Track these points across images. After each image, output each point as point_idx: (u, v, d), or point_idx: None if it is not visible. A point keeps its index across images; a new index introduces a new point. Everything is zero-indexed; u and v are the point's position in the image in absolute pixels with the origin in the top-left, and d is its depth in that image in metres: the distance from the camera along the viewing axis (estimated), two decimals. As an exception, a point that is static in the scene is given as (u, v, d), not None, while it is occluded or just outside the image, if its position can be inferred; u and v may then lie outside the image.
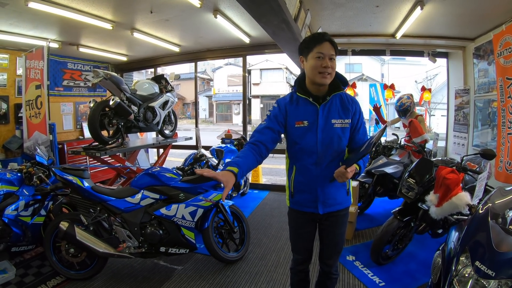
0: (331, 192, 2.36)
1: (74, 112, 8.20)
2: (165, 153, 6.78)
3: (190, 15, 5.23)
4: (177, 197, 3.64)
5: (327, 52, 2.18)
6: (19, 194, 3.82)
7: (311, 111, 2.31)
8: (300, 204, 2.44)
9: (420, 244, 4.45)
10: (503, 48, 4.65)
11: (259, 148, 2.26)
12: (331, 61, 2.20)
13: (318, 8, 4.99)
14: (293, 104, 2.36)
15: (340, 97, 2.34)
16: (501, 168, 4.73)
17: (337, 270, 2.62)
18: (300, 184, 2.41)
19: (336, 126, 2.27)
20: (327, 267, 2.57)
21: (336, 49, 2.24)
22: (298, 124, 2.31)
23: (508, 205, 2.23)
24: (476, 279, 1.79)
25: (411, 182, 3.83)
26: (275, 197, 7.08)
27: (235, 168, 2.01)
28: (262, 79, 35.29)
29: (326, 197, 2.35)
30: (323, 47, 2.19)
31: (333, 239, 2.51)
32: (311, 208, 2.40)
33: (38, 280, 3.67)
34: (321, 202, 2.36)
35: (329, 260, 2.56)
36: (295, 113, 2.33)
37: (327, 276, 2.60)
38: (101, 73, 4.69)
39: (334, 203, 2.39)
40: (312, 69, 2.22)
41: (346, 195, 2.44)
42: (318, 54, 2.19)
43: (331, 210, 2.39)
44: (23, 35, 5.87)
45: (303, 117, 2.31)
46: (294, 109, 2.34)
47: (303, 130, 2.31)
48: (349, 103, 2.34)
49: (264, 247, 4.56)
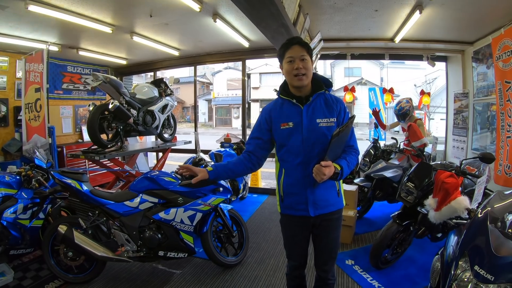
0: (321, 193, 2.35)
1: (74, 115, 8.19)
2: (164, 157, 6.78)
3: (190, 19, 5.24)
4: (176, 201, 3.63)
5: (296, 54, 2.26)
6: (17, 197, 3.81)
7: (295, 112, 2.35)
8: (291, 207, 2.44)
9: (420, 248, 4.44)
10: (502, 52, 4.66)
11: (250, 157, 2.52)
12: (303, 61, 2.26)
13: (317, 13, 5.00)
14: (277, 108, 2.43)
15: (324, 97, 2.38)
16: (500, 171, 4.73)
17: (334, 275, 2.60)
18: (289, 187, 2.41)
19: (321, 125, 2.30)
20: (323, 273, 2.55)
21: (308, 49, 2.30)
22: (283, 125, 2.36)
23: (507, 209, 2.23)
24: (475, 283, 1.78)
25: (410, 186, 3.83)
26: (274, 201, 6.98)
27: (211, 168, 2.52)
28: (262, 83, 35.33)
29: (316, 198, 2.34)
30: (292, 51, 2.28)
31: (327, 245, 2.49)
32: (301, 211, 2.39)
33: (37, 283, 3.66)
34: (312, 203, 2.34)
35: (324, 266, 2.54)
36: (280, 116, 2.39)
37: (323, 282, 2.58)
38: (100, 76, 4.69)
39: (325, 205, 2.38)
40: (288, 73, 2.32)
41: (337, 196, 2.43)
42: (289, 59, 2.29)
43: (323, 212, 2.38)
44: (23, 38, 5.87)
45: (288, 118, 2.35)
46: (279, 112, 2.41)
47: (288, 131, 2.34)
48: (333, 102, 2.38)
49: (263, 252, 4.55)
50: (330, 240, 2.48)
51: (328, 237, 2.47)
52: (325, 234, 2.46)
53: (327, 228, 2.44)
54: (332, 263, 2.55)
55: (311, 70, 2.32)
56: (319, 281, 2.61)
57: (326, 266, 2.53)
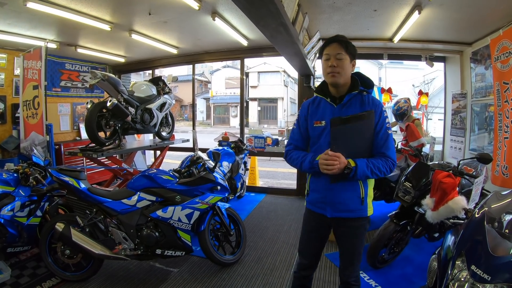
0: (340, 196, 2.32)
1: (71, 113, 8.17)
2: (162, 155, 6.77)
3: (189, 17, 5.23)
4: (173, 199, 3.63)
5: (332, 52, 2.23)
6: (15, 194, 3.80)
7: (328, 111, 2.35)
8: (312, 203, 2.47)
9: (417, 247, 4.45)
10: (500, 53, 4.67)
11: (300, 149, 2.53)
12: (339, 60, 2.22)
13: (316, 12, 5.00)
14: (314, 105, 2.44)
15: (361, 99, 2.33)
16: (498, 172, 4.74)
17: (357, 280, 2.51)
18: (314, 183, 2.44)
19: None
20: (344, 277, 2.50)
21: (347, 48, 2.25)
22: (316, 123, 2.37)
23: (504, 209, 2.23)
24: (472, 283, 1.79)
25: (408, 186, 3.84)
26: (272, 200, 7.08)
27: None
28: (260, 81, 35.41)
29: (334, 200, 2.33)
30: (329, 48, 2.26)
31: (347, 251, 2.48)
32: (320, 209, 2.40)
33: (34, 281, 3.65)
34: (329, 203, 2.34)
35: (345, 271, 2.50)
36: (315, 113, 2.40)
37: (345, 286, 2.52)
38: (98, 74, 4.68)
39: (343, 209, 2.33)
40: (323, 71, 2.31)
41: (361, 204, 2.34)
42: (325, 56, 2.27)
43: (340, 216, 2.35)
44: (21, 35, 5.86)
45: (321, 117, 2.36)
46: (315, 109, 2.42)
47: (320, 129, 2.35)
48: (368, 104, 2.31)
49: (260, 250, 4.55)
50: (350, 247, 2.45)
51: (348, 243, 2.45)
52: (344, 239, 2.46)
53: (346, 234, 2.43)
54: (353, 269, 2.48)
55: (348, 69, 2.27)
56: (342, 284, 2.56)
57: (346, 271, 2.49)
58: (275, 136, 8.39)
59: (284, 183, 9.76)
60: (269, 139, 7.92)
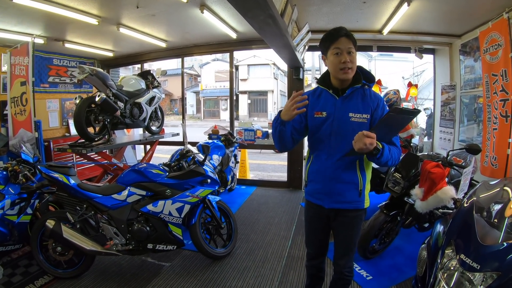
0: (338, 187, 2.34)
1: (60, 109, 8.07)
2: (152, 149, 6.74)
3: (177, 10, 5.19)
4: (163, 193, 3.64)
5: (344, 46, 2.22)
6: (4, 192, 3.76)
7: (330, 102, 2.35)
8: (310, 194, 2.49)
9: (407, 238, 4.50)
10: (489, 45, 4.70)
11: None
12: (350, 55, 2.22)
13: (305, 4, 4.98)
14: (316, 96, 2.43)
15: (363, 92, 2.35)
16: (487, 163, 4.79)
17: (351, 271, 2.57)
18: (312, 174, 2.46)
19: (352, 120, 2.27)
20: (337, 267, 2.55)
21: (354, 42, 2.26)
22: (317, 114, 2.35)
23: (492, 199, 2.26)
24: (461, 272, 1.81)
25: (397, 176, 3.87)
26: (263, 193, 7.09)
27: None
28: (250, 74, 35.32)
29: (332, 191, 2.35)
30: (339, 43, 2.23)
31: (342, 241, 2.51)
32: (318, 200, 2.43)
33: (26, 279, 3.64)
34: (327, 194, 2.37)
35: (339, 261, 2.53)
36: (316, 104, 2.39)
37: (338, 276, 2.57)
38: (87, 69, 4.63)
39: (341, 200, 2.36)
40: (333, 66, 2.27)
41: (358, 196, 2.37)
42: (336, 50, 2.23)
43: (337, 207, 2.38)
44: (7, 31, 5.75)
45: (322, 108, 2.35)
46: (316, 100, 2.40)
47: (321, 120, 2.34)
48: (371, 98, 2.33)
49: (252, 243, 4.57)
50: (345, 237, 2.49)
51: (343, 233, 2.48)
52: (340, 229, 2.48)
53: (342, 224, 2.45)
54: (347, 259, 2.52)
55: (356, 63, 2.29)
56: (336, 274, 2.61)
57: (341, 261, 2.52)
58: (265, 128, 8.39)
59: (274, 176, 9.77)
60: (259, 131, 7.92)
